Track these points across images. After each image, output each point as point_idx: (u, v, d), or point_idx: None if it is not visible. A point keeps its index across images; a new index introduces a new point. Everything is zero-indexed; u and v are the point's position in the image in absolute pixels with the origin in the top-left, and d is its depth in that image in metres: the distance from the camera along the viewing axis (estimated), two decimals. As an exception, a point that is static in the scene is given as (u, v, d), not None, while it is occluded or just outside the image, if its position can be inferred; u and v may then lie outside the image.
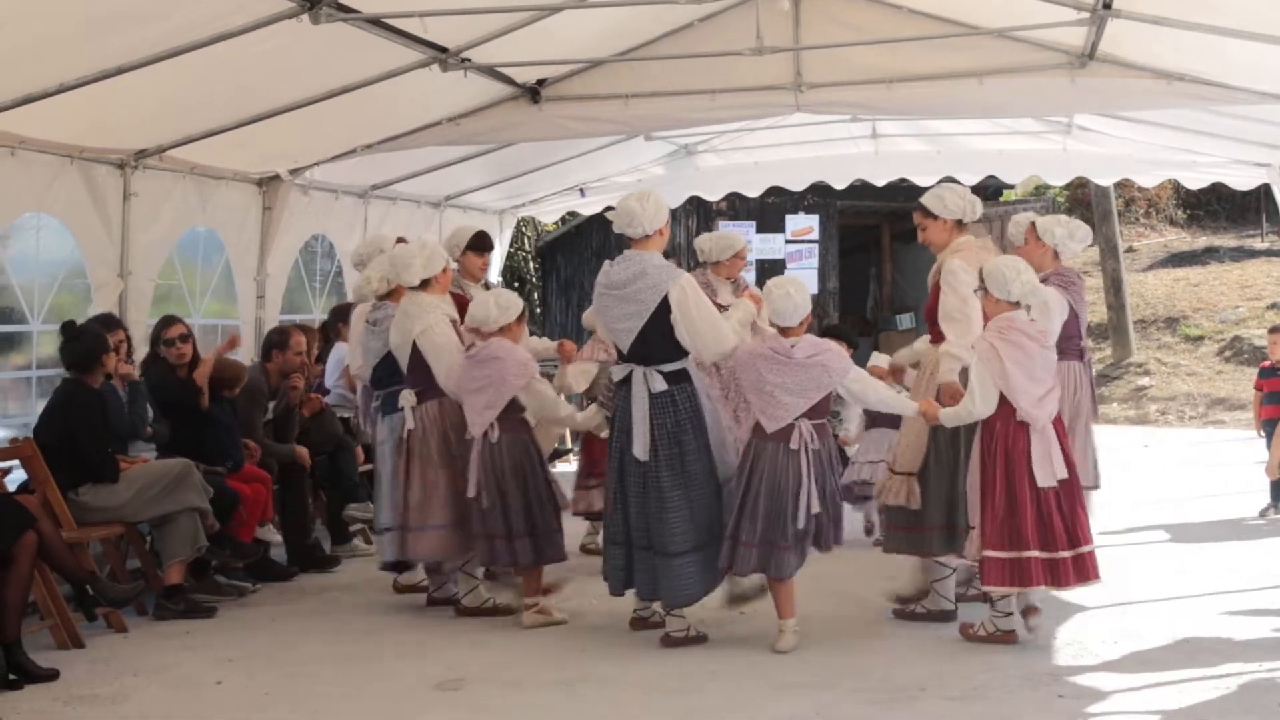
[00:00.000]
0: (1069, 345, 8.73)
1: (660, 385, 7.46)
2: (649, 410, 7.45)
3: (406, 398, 8.41)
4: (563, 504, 8.30)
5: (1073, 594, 8.63)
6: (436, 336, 8.22)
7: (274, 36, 8.37)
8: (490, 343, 8.07)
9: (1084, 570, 7.28)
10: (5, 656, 7.03)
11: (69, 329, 8.47)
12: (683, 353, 7.52)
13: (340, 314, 11.33)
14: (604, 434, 8.30)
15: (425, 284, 8.34)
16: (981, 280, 7.44)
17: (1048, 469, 7.24)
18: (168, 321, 9.64)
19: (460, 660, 7.46)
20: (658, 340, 7.46)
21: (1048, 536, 7.22)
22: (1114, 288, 22.65)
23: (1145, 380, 21.44)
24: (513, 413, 8.07)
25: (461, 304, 8.56)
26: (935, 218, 8.02)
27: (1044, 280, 8.06)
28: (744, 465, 7.45)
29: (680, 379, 7.51)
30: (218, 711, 6.60)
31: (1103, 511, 11.71)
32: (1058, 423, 7.37)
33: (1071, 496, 7.32)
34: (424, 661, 7.46)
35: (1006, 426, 7.27)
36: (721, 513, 7.51)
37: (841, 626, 7.87)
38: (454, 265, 9.42)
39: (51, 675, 7.09)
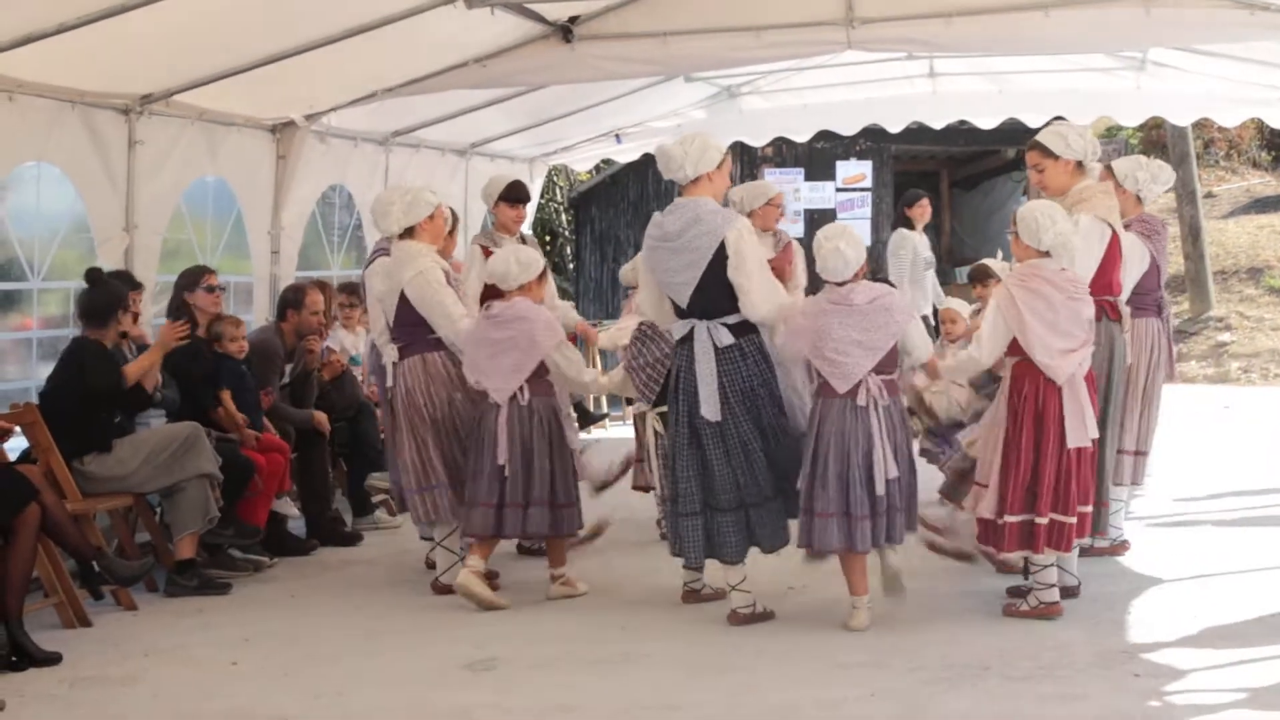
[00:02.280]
0: (1146, 300, 8.69)
1: (726, 338, 7.44)
2: (716, 367, 7.44)
3: (389, 353, 8.43)
4: (581, 474, 8.34)
5: (1148, 566, 8.63)
6: (428, 283, 8.21)
7: (288, -29, 8.36)
8: (514, 302, 8.07)
9: (1082, 530, 7.47)
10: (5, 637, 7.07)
11: (92, 274, 8.48)
12: None
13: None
14: (627, 395, 8.32)
15: (410, 232, 8.35)
16: (1013, 222, 7.47)
17: (1080, 429, 7.31)
18: (203, 270, 9.79)
19: (491, 638, 7.47)
20: (717, 291, 7.42)
21: (1063, 500, 7.33)
22: (1192, 236, 22.47)
23: (1226, 336, 21.30)
24: (541, 374, 8.09)
25: None
26: (1055, 158, 7.93)
27: (1125, 227, 8.03)
28: (811, 429, 7.40)
29: (746, 330, 7.49)
30: (234, 694, 6.63)
31: (1180, 477, 11.70)
32: (1088, 379, 7.40)
33: (1088, 458, 7.43)
34: (453, 640, 7.47)
35: (1035, 385, 7.32)
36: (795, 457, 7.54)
37: (896, 602, 7.83)
38: (489, 217, 9.47)
39: (54, 659, 7.12)
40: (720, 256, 7.36)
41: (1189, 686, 6.46)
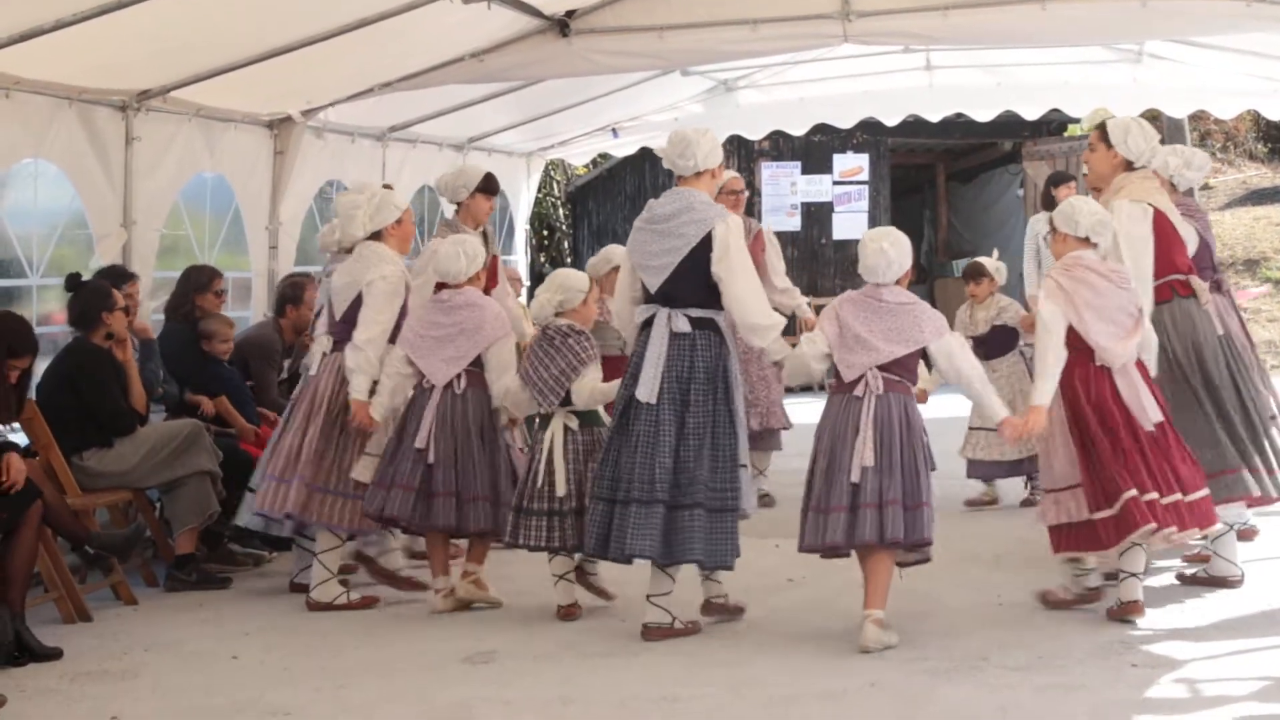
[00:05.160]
0: (1204, 279, 8.64)
1: (684, 326, 7.28)
2: (665, 351, 7.27)
3: (321, 342, 8.33)
4: (519, 474, 8.02)
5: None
6: (389, 287, 8.06)
7: (285, -33, 8.36)
8: (464, 289, 8.04)
9: (1200, 515, 7.25)
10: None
11: (71, 281, 8.52)
12: (715, 301, 7.32)
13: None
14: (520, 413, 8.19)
15: (377, 236, 8.24)
16: (1051, 221, 7.46)
17: (1141, 413, 7.23)
18: (218, 272, 9.88)
19: (490, 631, 7.49)
20: (690, 281, 7.30)
21: (1158, 480, 7.18)
22: (1188, 228, 22.44)
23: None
24: (480, 367, 8.02)
25: None
26: (1109, 146, 7.94)
27: None
28: (818, 427, 7.23)
29: (705, 325, 7.32)
30: (234, 688, 6.64)
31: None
32: (1139, 364, 7.35)
33: (1172, 440, 7.30)
34: (452, 634, 7.49)
35: (1087, 374, 7.27)
36: (736, 479, 7.26)
37: (896, 594, 7.83)
38: (451, 208, 9.41)
39: (55, 654, 7.13)
40: (704, 247, 7.27)
41: (1186, 677, 6.48)
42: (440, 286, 8.15)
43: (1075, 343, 7.26)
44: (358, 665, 6.96)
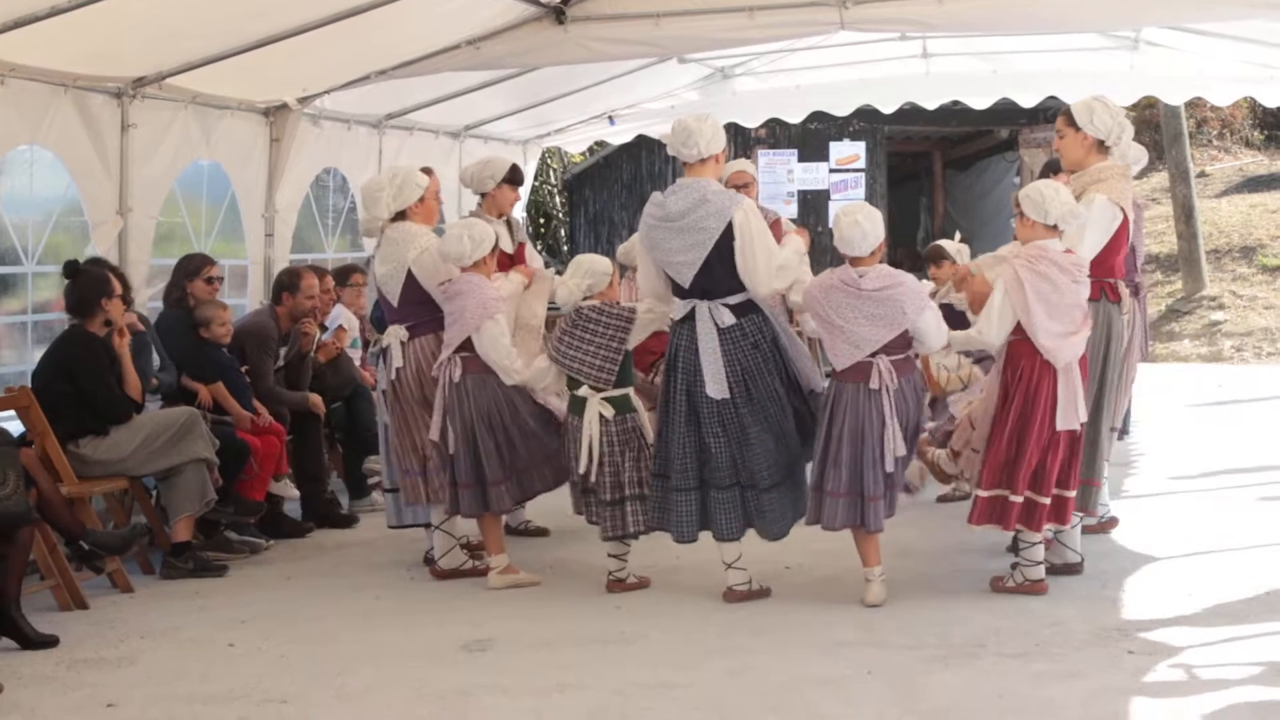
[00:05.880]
0: (1127, 280, 8.67)
1: (728, 319, 7.47)
2: (719, 346, 7.47)
3: (394, 333, 8.36)
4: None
5: (1143, 544, 8.64)
6: (434, 255, 8.17)
7: (280, -46, 8.34)
8: (462, 277, 8.05)
9: (1060, 513, 7.55)
10: (1, 620, 7.06)
11: (70, 267, 8.49)
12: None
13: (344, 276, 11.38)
14: (553, 394, 8.23)
15: (402, 215, 8.30)
16: (1016, 203, 7.52)
17: (1072, 413, 7.40)
18: (210, 259, 9.90)
19: (488, 618, 7.48)
20: (721, 271, 7.45)
21: (1040, 480, 7.42)
22: (1185, 215, 22.44)
23: (1219, 315, 21.29)
24: (474, 352, 8.04)
25: None
26: (1076, 129, 7.91)
27: None
28: (824, 409, 7.46)
29: (748, 309, 7.52)
30: (230, 675, 6.63)
31: (1174, 455, 11.72)
32: (1082, 364, 7.46)
33: (1077, 440, 7.50)
34: (449, 621, 7.48)
35: (1032, 365, 7.38)
36: (803, 444, 7.64)
37: (894, 583, 7.84)
38: (476, 197, 9.44)
39: (51, 641, 7.12)
40: (727, 237, 7.38)
41: (1183, 663, 6.48)
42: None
43: (1024, 332, 7.39)
44: (355, 653, 6.95)
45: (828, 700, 6.08)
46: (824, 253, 20.02)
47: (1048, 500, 7.44)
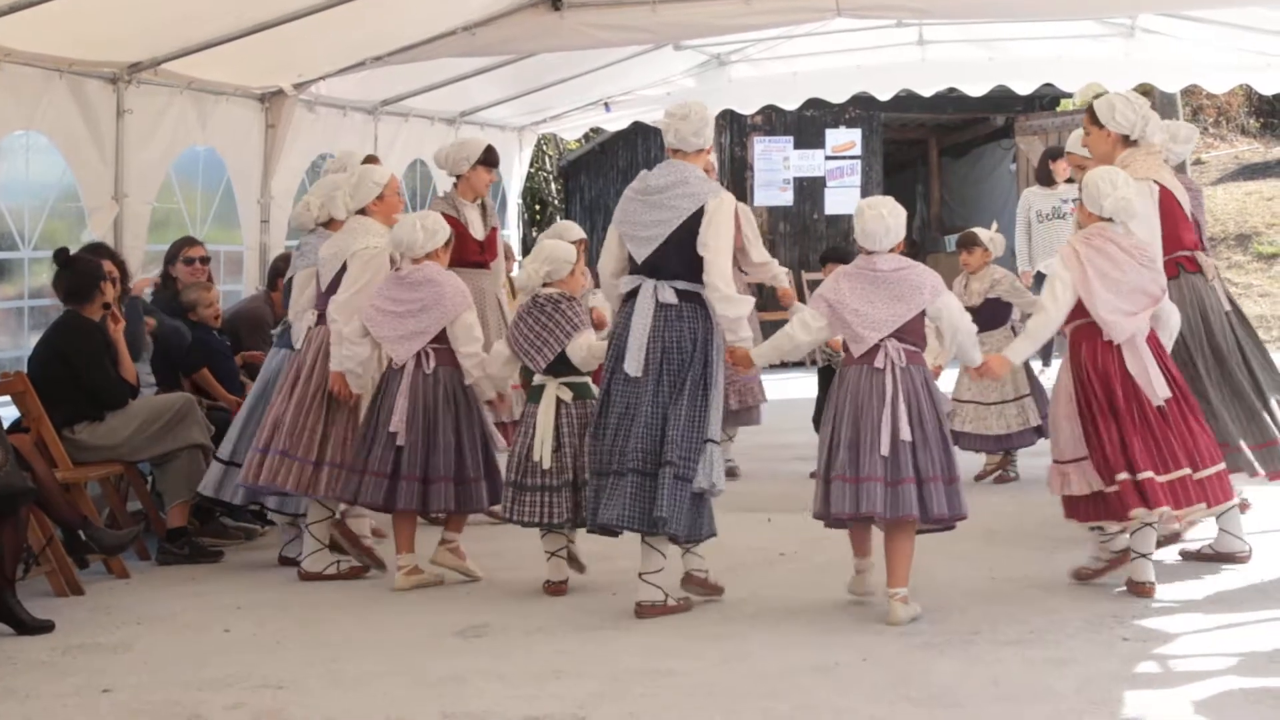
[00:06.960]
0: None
1: (670, 298, 7.24)
2: (651, 322, 7.23)
3: (306, 317, 8.28)
4: (495, 446, 8.10)
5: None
6: (373, 260, 8.01)
7: (276, -61, 8.33)
8: (424, 265, 7.93)
9: (1212, 491, 7.23)
10: (-1, 604, 7.08)
11: (60, 256, 8.48)
12: (702, 275, 7.24)
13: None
14: (493, 392, 8.12)
15: (362, 213, 8.18)
16: (1079, 190, 7.45)
17: (1149, 388, 7.19)
18: (190, 241, 9.89)
19: (482, 606, 7.49)
20: (679, 254, 7.25)
21: (1161, 457, 7.16)
22: (1180, 204, 22.44)
23: (1214, 303, 21.28)
24: (447, 343, 7.95)
25: (455, 227, 8.55)
26: (1100, 126, 7.92)
27: None
28: (831, 397, 7.22)
29: (692, 299, 7.28)
30: (226, 661, 6.62)
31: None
32: (1153, 340, 7.30)
33: (1184, 414, 7.27)
34: (444, 607, 7.49)
35: (1094, 347, 7.25)
36: (700, 451, 7.19)
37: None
38: (450, 180, 9.39)
39: (47, 626, 7.11)
40: (694, 221, 7.24)
41: (1177, 651, 6.49)
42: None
43: (1084, 315, 7.25)
44: (350, 638, 6.96)
45: (823, 687, 6.08)
46: (819, 240, 20.05)
47: (1190, 473, 7.17)
